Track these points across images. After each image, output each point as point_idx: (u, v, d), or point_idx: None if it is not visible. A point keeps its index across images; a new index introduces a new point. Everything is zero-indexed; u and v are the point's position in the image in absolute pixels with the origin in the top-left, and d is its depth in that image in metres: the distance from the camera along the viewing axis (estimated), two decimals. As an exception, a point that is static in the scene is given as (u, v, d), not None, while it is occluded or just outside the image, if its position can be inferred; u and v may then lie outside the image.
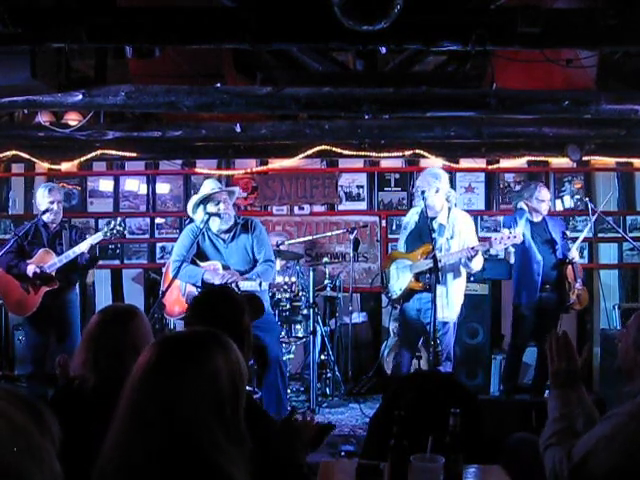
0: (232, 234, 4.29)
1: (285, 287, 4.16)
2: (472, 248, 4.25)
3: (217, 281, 4.08)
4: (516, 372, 5.22)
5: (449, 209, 4.40)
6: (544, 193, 5.00)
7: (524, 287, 5.05)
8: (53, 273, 4.61)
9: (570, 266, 4.95)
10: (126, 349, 2.23)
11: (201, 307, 2.43)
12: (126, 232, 4.89)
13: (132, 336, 2.27)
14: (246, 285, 4.05)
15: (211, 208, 4.20)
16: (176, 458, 1.27)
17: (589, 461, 1.76)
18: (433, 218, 4.37)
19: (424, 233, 4.35)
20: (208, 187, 4.29)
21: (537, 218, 5.05)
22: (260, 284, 4.04)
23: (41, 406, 0.96)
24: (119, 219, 4.67)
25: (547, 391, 5.22)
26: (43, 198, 4.73)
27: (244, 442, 1.43)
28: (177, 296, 4.34)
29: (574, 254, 4.98)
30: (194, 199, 4.30)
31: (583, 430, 1.90)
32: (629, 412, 1.76)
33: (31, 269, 4.58)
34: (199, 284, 4.15)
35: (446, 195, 4.37)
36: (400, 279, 4.50)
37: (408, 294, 4.47)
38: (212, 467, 1.29)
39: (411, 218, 4.62)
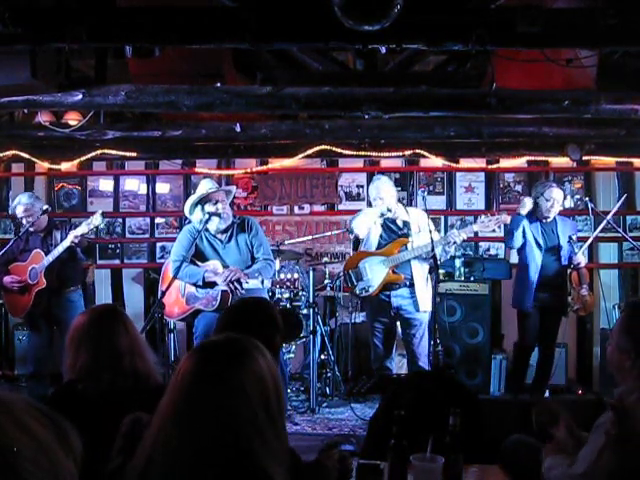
0: (229, 234, 4.28)
1: (288, 284, 4.17)
2: (459, 233, 4.52)
3: (219, 280, 4.08)
4: (522, 374, 5.15)
5: (404, 209, 4.80)
6: (553, 193, 4.92)
7: (519, 291, 5.06)
8: (42, 272, 4.69)
9: (575, 272, 4.88)
10: (111, 347, 2.25)
11: (235, 316, 2.39)
12: (102, 225, 4.94)
13: (130, 334, 2.29)
14: (249, 283, 4.06)
15: (210, 208, 4.20)
16: (228, 462, 1.28)
17: (594, 472, 1.77)
18: (395, 217, 4.72)
19: (392, 231, 4.71)
20: (205, 187, 4.27)
21: (548, 220, 4.98)
22: (262, 282, 4.04)
23: (66, 424, 0.94)
24: (97, 213, 4.59)
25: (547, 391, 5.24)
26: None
27: (287, 443, 1.45)
28: (176, 297, 4.33)
29: (580, 259, 4.89)
30: (191, 199, 4.29)
31: None
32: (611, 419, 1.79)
33: (7, 280, 4.76)
34: (200, 283, 4.15)
35: (396, 198, 4.79)
36: (375, 275, 4.62)
37: (383, 289, 4.66)
38: (261, 470, 1.30)
39: (376, 220, 4.77)
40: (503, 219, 4.61)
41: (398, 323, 4.90)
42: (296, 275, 4.25)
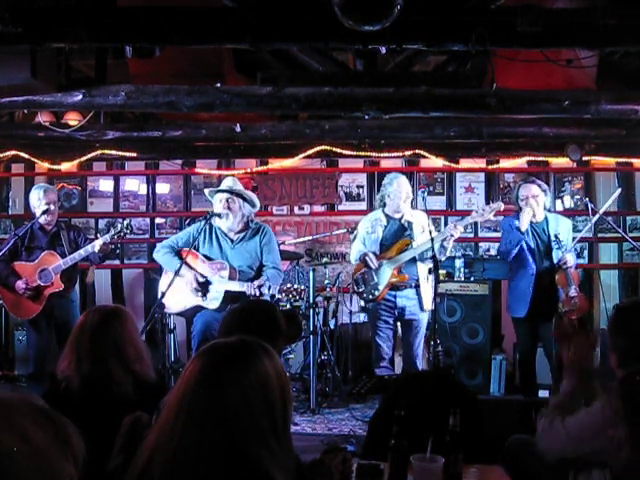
0: (242, 236, 4.32)
1: (294, 293, 4.21)
2: (455, 226, 4.54)
3: (216, 280, 4.10)
4: (529, 378, 4.91)
5: (410, 210, 4.83)
6: (523, 191, 4.67)
7: (514, 299, 4.81)
8: (58, 275, 4.61)
9: (562, 272, 4.56)
10: (106, 348, 2.27)
11: (237, 318, 2.40)
12: (132, 235, 4.92)
13: (112, 336, 2.31)
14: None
15: (216, 206, 4.32)
16: (229, 465, 1.28)
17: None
18: (400, 218, 4.76)
19: (398, 231, 4.74)
20: (222, 184, 4.47)
21: (537, 218, 4.69)
22: (269, 287, 4.09)
23: (68, 425, 0.93)
24: (125, 222, 4.62)
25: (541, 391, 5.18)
26: (39, 200, 4.70)
27: (291, 448, 1.45)
28: (181, 291, 4.34)
29: (567, 258, 4.55)
30: (209, 189, 4.54)
31: None
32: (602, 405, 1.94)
33: (20, 286, 4.58)
34: (171, 271, 4.19)
35: (403, 199, 4.74)
36: (380, 277, 4.67)
37: (389, 289, 4.69)
38: (263, 473, 1.30)
39: (376, 224, 4.80)
40: (497, 206, 4.56)
41: (398, 323, 4.91)
42: (303, 287, 4.27)
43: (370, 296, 4.70)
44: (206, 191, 4.54)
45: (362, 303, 4.85)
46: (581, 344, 2.20)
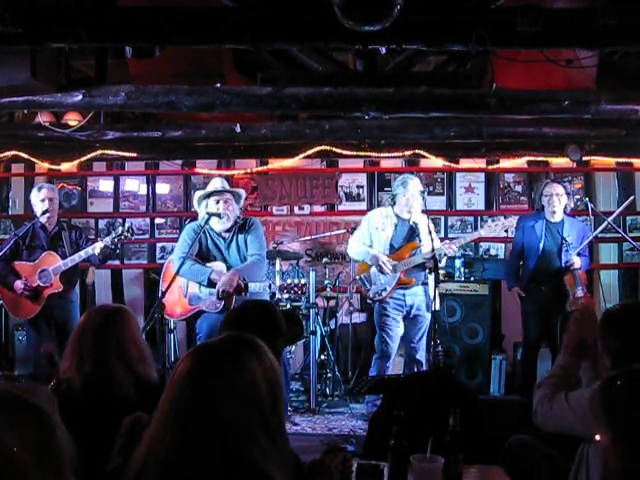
0: (231, 234, 4.31)
1: (295, 289, 4.20)
2: (449, 246, 4.62)
3: (218, 284, 4.08)
4: (530, 374, 4.99)
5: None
6: (548, 188, 4.93)
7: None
8: (57, 276, 4.60)
9: (570, 273, 4.79)
10: (108, 348, 2.26)
11: (237, 319, 2.40)
12: (133, 238, 4.88)
13: (115, 336, 2.30)
14: (252, 286, 4.09)
15: (211, 207, 4.24)
16: (222, 465, 1.28)
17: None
18: (409, 219, 4.76)
19: (407, 233, 4.76)
20: (212, 185, 4.35)
21: (555, 218, 4.92)
22: (270, 286, 4.07)
23: (56, 430, 0.90)
24: (127, 225, 4.61)
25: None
26: (36, 198, 4.72)
27: (287, 446, 1.45)
28: (179, 297, 4.33)
29: (573, 260, 4.78)
30: (198, 194, 4.38)
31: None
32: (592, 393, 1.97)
33: (18, 286, 4.58)
34: (205, 283, 4.16)
35: (418, 201, 4.73)
36: (387, 279, 4.70)
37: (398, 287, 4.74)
38: (258, 471, 1.30)
39: (386, 221, 4.79)
40: (508, 223, 4.67)
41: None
42: (303, 280, 4.27)
43: (377, 296, 4.74)
44: (198, 193, 4.38)
45: (369, 301, 4.86)
46: (582, 325, 2.30)
